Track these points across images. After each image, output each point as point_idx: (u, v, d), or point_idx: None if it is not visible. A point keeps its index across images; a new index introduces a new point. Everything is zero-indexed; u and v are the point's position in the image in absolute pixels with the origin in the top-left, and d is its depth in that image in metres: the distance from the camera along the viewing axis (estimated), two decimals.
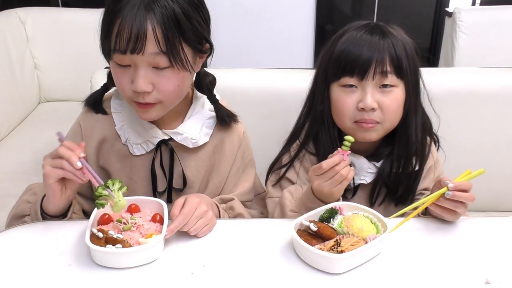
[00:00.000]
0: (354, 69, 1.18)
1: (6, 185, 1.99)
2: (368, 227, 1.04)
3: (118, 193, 1.04)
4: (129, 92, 1.11)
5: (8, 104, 2.48)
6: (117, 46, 1.06)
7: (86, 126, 1.27)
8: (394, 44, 1.19)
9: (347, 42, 1.21)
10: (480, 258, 1.04)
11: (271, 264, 1.01)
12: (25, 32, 2.73)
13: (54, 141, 2.43)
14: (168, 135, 1.25)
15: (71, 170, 1.03)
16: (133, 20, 1.03)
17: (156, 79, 1.09)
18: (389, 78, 1.18)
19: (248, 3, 3.39)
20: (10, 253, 1.04)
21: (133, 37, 1.04)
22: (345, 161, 1.10)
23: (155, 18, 1.04)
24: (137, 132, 1.24)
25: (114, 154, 1.26)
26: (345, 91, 1.22)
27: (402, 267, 1.01)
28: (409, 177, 1.29)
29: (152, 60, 1.07)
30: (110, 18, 1.07)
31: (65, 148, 1.04)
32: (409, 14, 3.49)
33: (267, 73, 1.75)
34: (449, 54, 2.76)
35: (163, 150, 1.26)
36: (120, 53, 1.06)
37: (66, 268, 0.99)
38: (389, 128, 1.24)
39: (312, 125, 1.32)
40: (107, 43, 1.08)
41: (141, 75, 1.08)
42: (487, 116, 1.70)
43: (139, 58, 1.06)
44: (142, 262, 1.00)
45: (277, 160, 1.39)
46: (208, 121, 1.29)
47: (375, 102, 1.18)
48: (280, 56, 3.57)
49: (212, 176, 1.32)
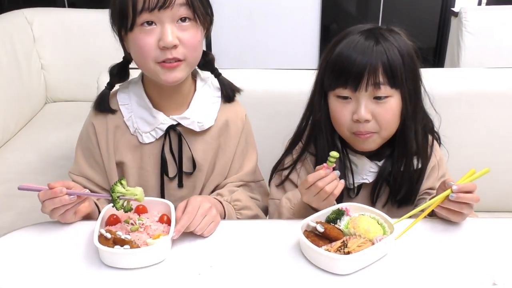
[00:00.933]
0: (347, 80, 1.17)
1: (13, 185, 1.97)
2: (374, 228, 1.04)
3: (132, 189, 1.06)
4: (155, 53, 1.15)
5: (15, 104, 2.49)
6: (146, 5, 1.11)
7: (99, 124, 1.29)
8: (389, 53, 1.17)
9: (343, 49, 1.20)
10: (487, 259, 1.04)
11: (278, 265, 1.02)
12: (32, 33, 2.74)
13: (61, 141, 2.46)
14: (175, 120, 1.27)
15: (68, 202, 1.07)
16: None
17: (181, 34, 1.15)
18: (382, 90, 1.17)
19: (253, 4, 3.39)
20: (19, 253, 1.05)
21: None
22: (331, 175, 1.11)
23: None
24: (145, 121, 1.27)
25: (125, 146, 1.29)
26: (341, 102, 1.21)
27: (409, 268, 1.01)
28: (411, 177, 1.29)
29: (177, 13, 1.13)
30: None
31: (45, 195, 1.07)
32: (414, 14, 3.48)
33: (272, 74, 1.76)
34: (455, 54, 2.75)
35: (172, 136, 1.29)
36: (149, 11, 1.11)
37: (75, 268, 1.00)
38: (386, 137, 1.24)
39: (312, 130, 1.33)
40: (132, 10, 1.12)
41: (169, 31, 1.13)
42: (493, 117, 1.70)
43: (166, 14, 1.12)
44: (150, 263, 1.01)
45: (280, 161, 1.40)
46: (213, 105, 1.33)
47: (369, 114, 1.18)
48: (285, 57, 3.56)
49: (219, 157, 1.34)
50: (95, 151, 1.30)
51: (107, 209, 1.10)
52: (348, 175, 1.29)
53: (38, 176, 2.08)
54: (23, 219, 1.82)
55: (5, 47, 2.49)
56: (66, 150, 2.30)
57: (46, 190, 1.07)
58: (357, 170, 1.30)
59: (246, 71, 1.77)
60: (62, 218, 1.11)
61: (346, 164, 1.29)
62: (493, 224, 1.17)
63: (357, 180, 1.30)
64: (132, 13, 1.12)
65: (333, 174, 1.12)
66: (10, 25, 2.62)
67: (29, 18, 2.74)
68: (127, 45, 1.21)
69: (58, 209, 1.08)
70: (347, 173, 1.29)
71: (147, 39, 1.14)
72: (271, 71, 1.77)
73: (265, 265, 1.02)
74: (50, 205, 1.07)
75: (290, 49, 3.55)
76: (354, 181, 1.30)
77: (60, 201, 1.06)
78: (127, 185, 1.07)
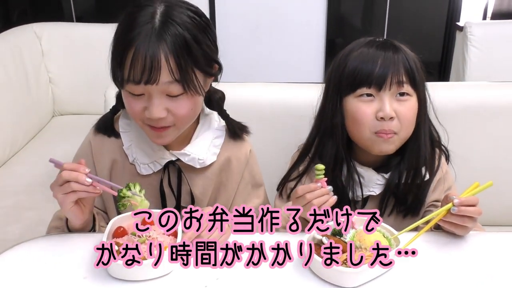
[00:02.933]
0: (372, 81, 1.20)
1: (21, 197, 2.02)
2: (380, 241, 1.04)
3: (140, 193, 1.07)
4: (142, 117, 1.13)
5: (23, 117, 2.52)
6: (131, 77, 1.06)
7: (96, 145, 1.28)
8: (408, 58, 1.22)
9: (360, 58, 1.23)
10: (492, 273, 1.04)
11: (285, 277, 1.02)
12: (40, 47, 2.78)
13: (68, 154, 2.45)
14: (175, 156, 1.26)
15: (83, 188, 1.05)
16: (146, 51, 1.03)
17: (170, 105, 1.10)
18: (405, 87, 1.21)
19: (259, 18, 3.41)
20: (25, 265, 1.06)
21: (147, 68, 1.04)
22: (322, 190, 1.12)
23: (167, 47, 1.04)
24: (144, 152, 1.25)
25: (123, 173, 1.28)
26: (363, 100, 1.22)
27: (414, 281, 1.01)
28: (418, 187, 1.30)
29: (166, 89, 1.08)
30: (122, 48, 1.07)
31: (68, 171, 1.05)
32: (419, 28, 3.50)
33: (278, 88, 1.77)
34: (460, 68, 2.76)
35: (171, 170, 1.27)
36: (134, 83, 1.06)
37: (82, 280, 1.01)
38: (404, 139, 1.25)
39: (321, 139, 1.33)
40: (120, 74, 1.08)
41: (156, 104, 1.09)
42: (498, 131, 1.70)
43: (153, 88, 1.07)
44: (157, 275, 1.01)
45: (287, 176, 1.40)
46: (215, 141, 1.29)
47: (393, 111, 1.20)
48: (291, 70, 3.58)
49: (220, 193, 1.33)
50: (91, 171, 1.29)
51: (114, 221, 1.11)
52: (355, 187, 1.30)
53: (46, 189, 2.07)
54: (31, 232, 1.84)
55: (14, 61, 2.52)
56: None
57: (73, 163, 1.07)
58: (364, 182, 1.30)
59: (252, 84, 1.78)
60: (63, 198, 1.06)
61: (353, 176, 1.29)
62: (498, 238, 1.17)
63: (363, 192, 1.31)
64: (120, 77, 1.08)
65: (324, 189, 1.13)
66: (20, 39, 2.66)
67: (38, 33, 2.78)
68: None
69: (67, 186, 1.04)
70: (354, 186, 1.29)
71: (134, 105, 1.11)
72: (277, 85, 1.77)
73: (271, 277, 1.02)
74: (66, 176, 1.04)
75: (296, 63, 3.56)
76: (363, 193, 1.30)
77: (77, 178, 1.03)
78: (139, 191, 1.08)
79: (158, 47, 1.04)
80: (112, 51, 1.11)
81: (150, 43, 1.04)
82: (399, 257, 1.04)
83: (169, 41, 1.05)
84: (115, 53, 1.09)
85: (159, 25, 1.06)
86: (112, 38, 1.11)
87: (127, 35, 1.06)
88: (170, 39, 1.05)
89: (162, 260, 1.00)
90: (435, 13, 3.49)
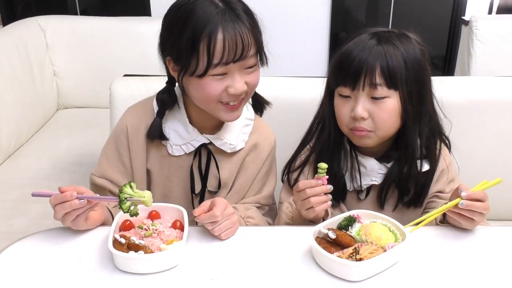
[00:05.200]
0: (346, 79, 1.21)
1: (26, 190, 2.02)
2: (386, 235, 1.04)
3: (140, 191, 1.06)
4: (220, 98, 1.17)
5: (27, 111, 2.52)
6: (224, 59, 1.11)
7: (132, 126, 1.30)
8: (387, 53, 1.19)
9: (347, 47, 1.24)
10: (499, 267, 1.04)
11: (290, 271, 1.02)
12: (45, 40, 2.77)
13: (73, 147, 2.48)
14: (208, 139, 1.29)
15: (78, 206, 1.06)
16: (233, 32, 1.11)
17: (247, 78, 1.17)
18: (379, 90, 1.19)
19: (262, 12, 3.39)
20: (33, 258, 1.06)
21: (239, 46, 1.11)
22: (322, 188, 1.14)
23: (244, 25, 1.13)
24: (178, 134, 1.28)
25: (155, 154, 1.31)
26: (342, 99, 1.25)
27: (421, 275, 1.01)
28: (419, 179, 1.30)
29: (245, 63, 1.15)
30: (205, 38, 1.10)
31: (60, 205, 1.06)
32: (424, 23, 3.48)
33: (282, 81, 1.76)
34: (465, 63, 2.75)
35: (202, 154, 1.31)
36: (224, 65, 1.12)
37: (90, 273, 1.01)
38: (383, 136, 1.25)
39: (320, 128, 1.36)
40: (202, 63, 1.12)
41: (238, 79, 1.15)
42: (504, 125, 1.69)
43: (236, 65, 1.14)
44: (163, 268, 1.02)
45: (290, 163, 1.41)
46: (244, 128, 1.34)
47: (365, 112, 1.20)
48: (295, 64, 3.56)
49: (240, 176, 1.35)
50: (125, 153, 1.30)
51: (121, 215, 1.11)
52: (357, 176, 1.31)
53: (50, 182, 2.10)
54: (36, 225, 1.84)
55: (19, 54, 2.52)
56: (78, 156, 2.32)
57: (57, 194, 1.07)
58: (365, 172, 1.31)
59: None
60: (73, 224, 1.10)
61: (354, 165, 1.30)
62: (505, 232, 1.17)
63: (366, 181, 1.32)
64: (206, 64, 1.12)
65: (324, 187, 1.14)
66: (24, 32, 2.65)
67: (42, 26, 2.77)
68: (185, 84, 1.20)
69: (69, 214, 1.07)
70: (355, 175, 1.31)
71: (216, 86, 1.15)
72: (281, 79, 1.77)
73: (277, 271, 1.02)
74: (61, 210, 1.06)
75: (300, 57, 3.55)
76: (361, 183, 1.31)
77: (70, 206, 1.05)
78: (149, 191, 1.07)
79: (240, 26, 1.12)
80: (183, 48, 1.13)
81: (230, 23, 1.11)
82: (405, 252, 1.04)
83: (242, 18, 1.14)
84: (190, 48, 1.12)
85: (226, 8, 1.13)
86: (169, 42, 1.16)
87: (204, 26, 1.10)
88: (242, 17, 1.14)
89: (169, 253, 1.01)
90: (440, 7, 3.47)
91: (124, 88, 1.67)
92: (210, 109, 1.21)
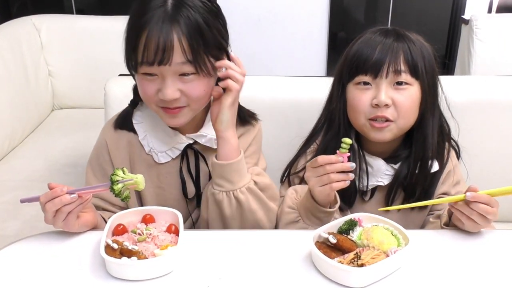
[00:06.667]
0: (368, 67, 1.20)
1: (20, 192, 1.99)
2: (389, 239, 1.01)
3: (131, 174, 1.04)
4: (156, 99, 1.14)
5: (22, 111, 2.49)
6: (145, 59, 1.09)
7: (112, 141, 1.28)
8: (410, 46, 1.20)
9: (361, 44, 1.23)
10: (504, 272, 1.01)
11: (289, 277, 0.99)
12: (39, 39, 2.75)
13: (68, 148, 2.45)
14: (192, 139, 1.26)
15: (76, 205, 1.03)
16: (159, 33, 1.07)
17: (183, 86, 1.13)
18: (403, 76, 1.19)
19: (261, 11, 3.38)
20: (24, 263, 1.03)
21: (161, 48, 1.07)
22: (343, 165, 1.09)
23: (180, 29, 1.08)
24: (160, 140, 1.26)
25: (141, 165, 1.28)
26: (360, 88, 1.23)
27: (424, 281, 0.98)
28: (427, 179, 1.28)
29: (178, 69, 1.10)
30: (136, 32, 1.09)
31: (51, 202, 1.03)
32: (424, 21, 3.46)
33: (281, 81, 1.75)
34: (465, 62, 2.73)
35: (189, 155, 1.28)
36: (148, 65, 1.09)
37: (81, 279, 0.98)
38: (403, 127, 1.23)
39: (327, 126, 1.33)
40: (134, 57, 1.11)
41: (169, 85, 1.11)
42: (505, 125, 1.67)
43: (166, 69, 1.09)
44: (157, 275, 0.98)
45: (293, 162, 1.39)
46: None
47: (389, 99, 1.19)
48: (294, 64, 3.55)
49: None
50: (110, 169, 1.27)
51: (114, 219, 1.08)
52: (363, 177, 1.28)
53: (44, 184, 2.04)
54: (29, 227, 1.82)
55: (13, 54, 2.49)
56: (73, 157, 2.30)
57: (46, 192, 1.04)
58: (372, 172, 1.29)
59: (255, 78, 1.75)
60: (65, 225, 1.06)
61: (361, 165, 1.28)
62: (510, 236, 1.14)
63: (372, 182, 1.29)
64: (134, 60, 1.12)
65: (346, 164, 1.09)
66: (19, 31, 2.63)
67: (37, 25, 2.75)
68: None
69: (60, 212, 1.03)
70: (362, 175, 1.29)
71: (148, 88, 1.14)
72: (279, 78, 1.76)
73: (275, 277, 0.99)
74: (51, 207, 1.02)
75: (299, 56, 3.54)
76: (368, 184, 1.29)
77: (61, 201, 1.01)
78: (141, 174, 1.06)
79: (171, 29, 1.07)
80: (126, 37, 1.14)
81: (163, 25, 1.07)
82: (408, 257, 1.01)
83: (182, 23, 1.08)
84: (129, 38, 1.13)
85: (172, 8, 1.09)
86: (126, 25, 1.14)
87: (141, 19, 1.09)
88: (183, 21, 1.08)
89: (163, 259, 0.98)
90: (439, 6, 3.45)
91: (119, 88, 1.64)
92: (154, 110, 1.19)
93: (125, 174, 1.03)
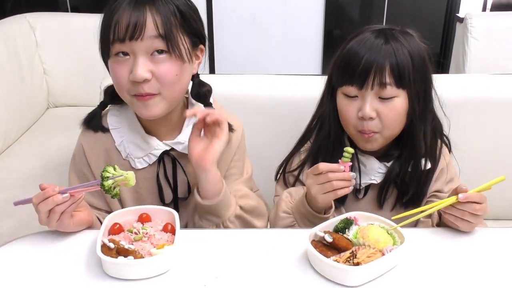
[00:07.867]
0: (354, 78, 1.18)
1: (15, 191, 1.98)
2: (384, 238, 1.02)
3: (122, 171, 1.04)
4: (128, 85, 1.12)
5: (16, 109, 2.47)
6: (116, 36, 1.08)
7: (88, 146, 1.27)
8: (397, 51, 1.17)
9: (353, 46, 1.21)
10: (499, 270, 1.01)
11: (285, 276, 0.99)
12: (34, 37, 2.73)
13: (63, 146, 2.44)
14: (169, 145, 1.25)
15: (68, 204, 1.03)
16: (132, 10, 1.08)
17: (155, 67, 1.11)
18: (388, 90, 1.17)
19: (256, 9, 3.37)
20: (20, 262, 1.03)
21: (132, 22, 1.07)
22: (345, 174, 1.11)
23: (155, 7, 1.09)
24: (137, 146, 1.25)
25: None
26: (347, 99, 1.22)
27: (420, 279, 0.98)
28: (419, 178, 1.29)
29: (150, 45, 1.09)
30: (109, 14, 1.10)
31: (43, 202, 1.02)
32: (419, 20, 3.46)
33: (276, 79, 1.75)
34: (460, 60, 2.74)
35: (166, 161, 1.26)
36: (120, 41, 1.08)
37: (77, 279, 0.98)
38: (388, 137, 1.24)
39: (320, 126, 1.33)
40: (106, 38, 1.11)
41: (140, 62, 1.09)
42: (500, 123, 1.68)
43: (138, 45, 1.09)
44: (154, 274, 0.98)
45: (287, 160, 1.39)
46: None
47: (373, 111, 1.18)
48: (289, 62, 3.55)
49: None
50: (88, 173, 1.27)
51: (110, 218, 1.08)
52: (356, 175, 1.28)
53: (39, 183, 2.05)
54: (25, 227, 1.80)
55: (8, 52, 2.48)
56: (68, 156, 2.26)
57: (38, 193, 1.03)
58: (365, 170, 1.29)
59: (250, 76, 1.76)
60: (60, 225, 1.06)
61: (354, 164, 1.28)
62: (505, 235, 1.15)
63: (365, 180, 1.30)
64: (107, 41, 1.11)
65: (347, 173, 1.11)
66: (13, 29, 2.61)
67: (31, 23, 2.73)
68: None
69: (53, 212, 1.03)
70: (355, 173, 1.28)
71: (120, 70, 1.12)
72: (275, 77, 1.76)
73: (272, 276, 0.99)
74: (44, 207, 1.02)
75: (294, 54, 3.53)
76: (361, 182, 1.29)
77: (53, 201, 1.01)
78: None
79: (145, 6, 1.08)
80: (101, 22, 1.13)
81: (136, 3, 1.09)
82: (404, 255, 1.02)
83: (157, 3, 1.10)
84: (103, 22, 1.12)
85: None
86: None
87: (113, 5, 1.11)
88: (158, 2, 1.10)
89: (159, 258, 0.98)
90: (434, 4, 3.46)
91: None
92: (128, 103, 1.18)
93: (116, 171, 1.03)
